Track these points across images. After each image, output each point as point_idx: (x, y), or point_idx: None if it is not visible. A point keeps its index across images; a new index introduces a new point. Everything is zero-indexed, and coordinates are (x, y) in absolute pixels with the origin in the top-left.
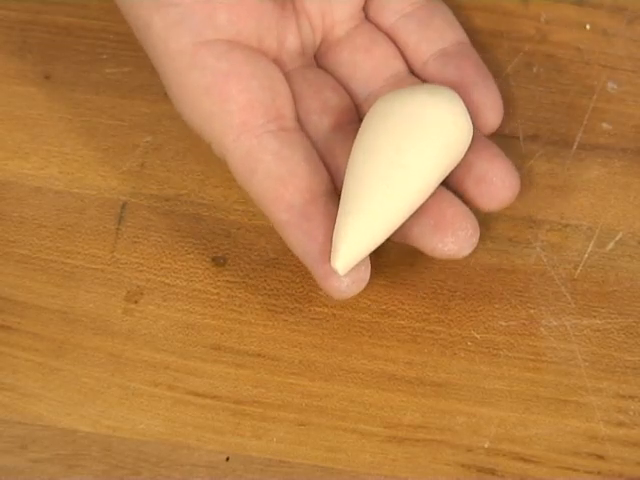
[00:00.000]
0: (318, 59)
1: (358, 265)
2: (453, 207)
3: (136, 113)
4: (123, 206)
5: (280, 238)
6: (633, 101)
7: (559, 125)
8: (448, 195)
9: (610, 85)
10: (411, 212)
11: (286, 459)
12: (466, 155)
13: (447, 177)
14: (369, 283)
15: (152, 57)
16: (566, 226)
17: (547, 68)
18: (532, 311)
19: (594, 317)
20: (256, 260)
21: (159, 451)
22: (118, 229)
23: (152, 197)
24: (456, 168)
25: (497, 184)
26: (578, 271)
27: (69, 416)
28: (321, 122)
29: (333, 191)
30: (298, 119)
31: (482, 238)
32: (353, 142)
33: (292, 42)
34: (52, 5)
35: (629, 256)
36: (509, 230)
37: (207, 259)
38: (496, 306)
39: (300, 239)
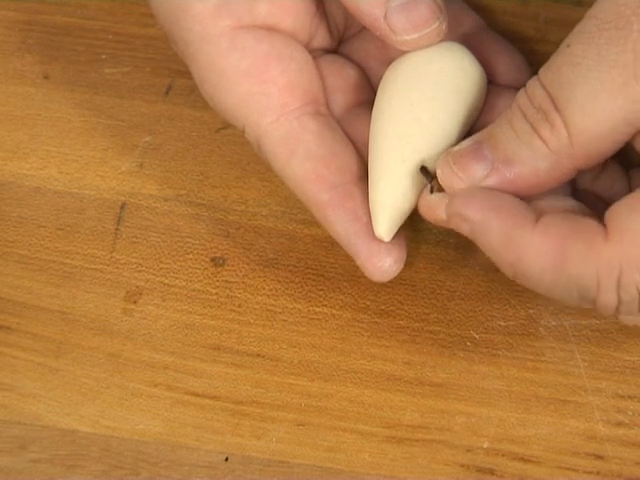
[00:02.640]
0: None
1: (398, 245)
2: None
3: (135, 113)
4: (122, 206)
5: (279, 238)
6: None
7: None
8: None
9: None
10: None
11: (285, 459)
12: (488, 100)
13: (475, 125)
14: (368, 283)
15: (185, 43)
16: None
17: None
18: (531, 311)
19: (593, 317)
20: (255, 260)
21: (158, 451)
22: (117, 229)
23: (151, 197)
24: (482, 114)
25: None
26: None
27: (68, 416)
28: (345, 100)
29: (366, 175)
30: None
31: None
32: None
33: (318, 41)
34: (51, 5)
35: None
36: None
37: (206, 259)
38: (495, 306)
39: (343, 219)
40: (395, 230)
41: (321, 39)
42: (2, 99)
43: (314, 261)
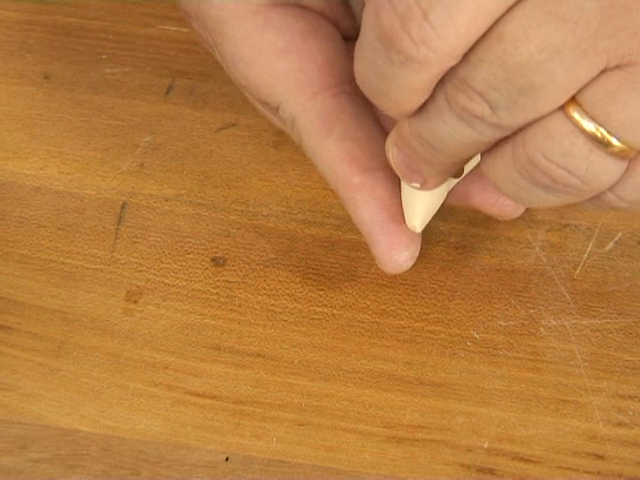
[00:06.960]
0: None
1: (417, 241)
2: None
3: (135, 113)
4: (123, 206)
5: (279, 238)
6: None
7: None
8: None
9: None
10: (471, 165)
11: (286, 459)
12: None
13: None
14: (369, 283)
15: (216, 21)
16: (565, 226)
17: None
18: (532, 311)
19: (593, 317)
20: (255, 260)
21: (159, 451)
22: (118, 229)
23: (151, 197)
24: None
25: None
26: (577, 271)
27: (69, 416)
28: None
29: None
30: None
31: (482, 238)
32: None
33: (342, 26)
34: (52, 5)
35: (628, 256)
36: (509, 230)
37: (207, 259)
38: (496, 306)
39: (371, 206)
40: (426, 223)
41: (345, 25)
42: (3, 99)
43: (314, 261)
